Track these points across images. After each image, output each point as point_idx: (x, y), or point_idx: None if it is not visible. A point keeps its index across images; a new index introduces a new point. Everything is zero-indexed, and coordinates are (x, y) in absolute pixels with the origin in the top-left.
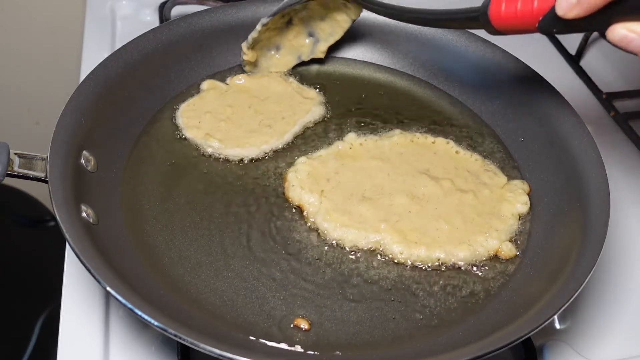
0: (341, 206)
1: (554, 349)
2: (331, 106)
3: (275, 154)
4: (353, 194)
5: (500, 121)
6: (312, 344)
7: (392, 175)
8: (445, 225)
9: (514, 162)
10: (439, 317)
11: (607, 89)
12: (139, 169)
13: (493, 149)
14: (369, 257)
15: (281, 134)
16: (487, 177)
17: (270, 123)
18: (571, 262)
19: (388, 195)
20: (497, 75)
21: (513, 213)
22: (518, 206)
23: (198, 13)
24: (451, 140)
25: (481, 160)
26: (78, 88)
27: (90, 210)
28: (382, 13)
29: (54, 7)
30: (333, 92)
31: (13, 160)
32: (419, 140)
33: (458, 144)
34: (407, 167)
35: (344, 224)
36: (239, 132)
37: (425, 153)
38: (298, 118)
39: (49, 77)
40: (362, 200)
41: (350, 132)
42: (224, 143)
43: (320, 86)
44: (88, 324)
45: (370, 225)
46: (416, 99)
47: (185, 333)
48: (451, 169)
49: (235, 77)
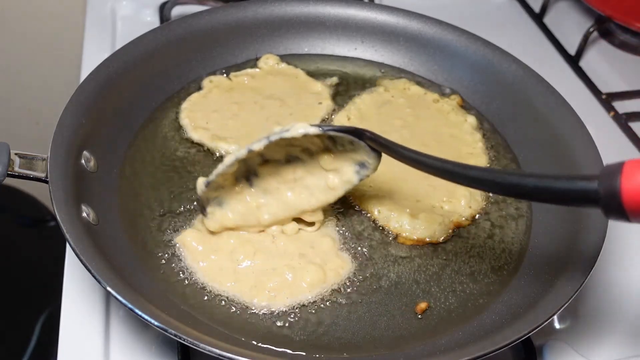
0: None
1: (554, 349)
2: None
3: None
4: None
5: (500, 121)
6: (312, 345)
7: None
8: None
9: (514, 159)
10: (439, 317)
11: (606, 89)
12: (140, 168)
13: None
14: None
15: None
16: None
17: (278, 120)
18: (571, 262)
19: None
20: (497, 75)
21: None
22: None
23: (198, 13)
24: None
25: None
26: (78, 88)
27: (90, 211)
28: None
29: (54, 8)
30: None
31: (13, 160)
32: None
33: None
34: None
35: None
36: (248, 130)
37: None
38: (306, 114)
39: (49, 78)
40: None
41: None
42: (237, 143)
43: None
44: (88, 323)
45: None
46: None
47: (185, 333)
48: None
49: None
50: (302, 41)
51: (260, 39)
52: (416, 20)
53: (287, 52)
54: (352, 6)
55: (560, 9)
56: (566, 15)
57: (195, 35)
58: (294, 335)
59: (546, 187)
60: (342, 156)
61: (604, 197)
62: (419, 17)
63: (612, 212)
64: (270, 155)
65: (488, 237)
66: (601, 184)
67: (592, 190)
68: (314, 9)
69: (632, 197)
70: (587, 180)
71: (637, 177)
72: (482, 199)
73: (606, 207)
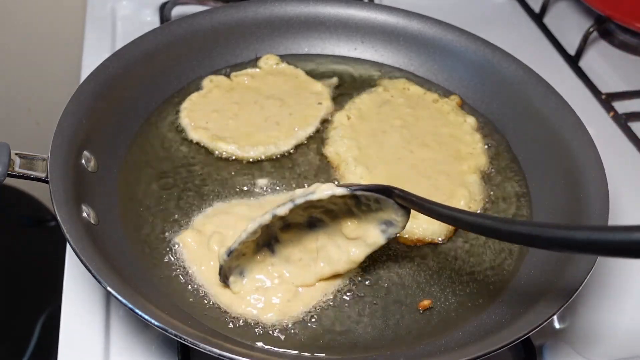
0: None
1: (554, 349)
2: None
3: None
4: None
5: (499, 121)
6: (312, 345)
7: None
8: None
9: (514, 159)
10: (439, 317)
11: (606, 90)
12: (140, 168)
13: (493, 148)
14: None
15: (289, 130)
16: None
17: (278, 120)
18: (570, 262)
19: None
20: (497, 75)
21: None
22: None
23: (198, 13)
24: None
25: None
26: (78, 88)
27: (90, 211)
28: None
29: (54, 8)
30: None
31: (14, 160)
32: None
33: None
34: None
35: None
36: (248, 130)
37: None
38: (306, 114)
39: (49, 78)
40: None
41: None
42: (237, 143)
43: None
44: (88, 323)
45: None
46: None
47: (185, 333)
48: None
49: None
50: (302, 41)
51: (260, 39)
52: (416, 20)
53: (287, 52)
54: (352, 6)
55: (560, 9)
56: (566, 16)
57: (195, 35)
58: (294, 335)
59: (603, 241)
60: (366, 218)
61: None
62: (419, 17)
63: None
64: (292, 219)
65: (488, 237)
66: None
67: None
68: (314, 9)
69: None
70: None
71: None
72: (482, 199)
73: None
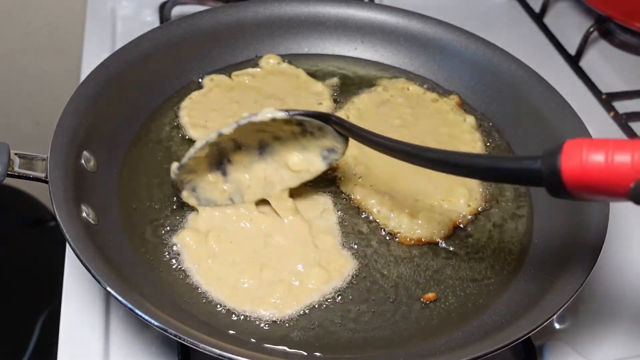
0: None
1: (554, 349)
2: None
3: None
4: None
5: (499, 120)
6: (312, 344)
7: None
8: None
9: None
10: (439, 317)
11: (606, 89)
12: (140, 168)
13: (492, 147)
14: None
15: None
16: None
17: None
18: (571, 262)
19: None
20: (497, 75)
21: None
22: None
23: (198, 13)
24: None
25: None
26: (78, 88)
27: (90, 211)
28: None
29: (54, 8)
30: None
31: (13, 160)
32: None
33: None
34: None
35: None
36: None
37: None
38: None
39: (49, 77)
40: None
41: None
42: None
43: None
44: (88, 323)
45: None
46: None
47: (185, 333)
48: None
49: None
50: (302, 41)
51: (261, 39)
52: (416, 20)
53: (287, 52)
54: (352, 6)
55: (560, 9)
56: (566, 15)
57: (195, 35)
58: (294, 335)
59: (495, 167)
60: (310, 145)
61: (546, 176)
62: (419, 17)
63: (555, 190)
64: (244, 141)
65: (488, 237)
66: (543, 163)
67: (535, 169)
68: (314, 9)
69: (571, 175)
70: (531, 160)
71: (576, 156)
72: (482, 198)
73: (549, 185)
